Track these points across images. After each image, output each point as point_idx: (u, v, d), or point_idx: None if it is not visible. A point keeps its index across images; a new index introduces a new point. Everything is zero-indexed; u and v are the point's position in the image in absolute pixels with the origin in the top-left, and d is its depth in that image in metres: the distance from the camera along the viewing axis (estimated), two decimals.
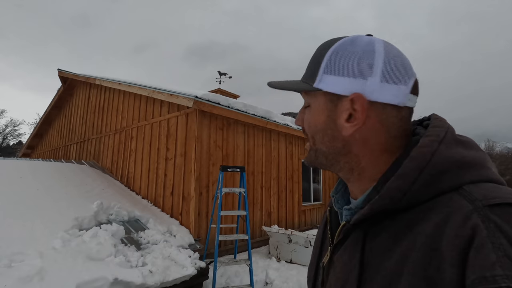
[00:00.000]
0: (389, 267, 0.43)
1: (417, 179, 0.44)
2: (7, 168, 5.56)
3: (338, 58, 0.52)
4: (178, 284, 3.39)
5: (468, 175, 0.44)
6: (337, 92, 0.51)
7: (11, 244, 3.19)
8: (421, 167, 0.44)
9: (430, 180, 0.44)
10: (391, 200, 0.45)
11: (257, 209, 6.16)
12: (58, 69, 10.04)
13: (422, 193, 0.44)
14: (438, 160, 0.44)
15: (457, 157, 0.45)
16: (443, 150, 0.45)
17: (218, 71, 15.42)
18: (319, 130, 0.54)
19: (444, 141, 0.46)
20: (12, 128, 32.18)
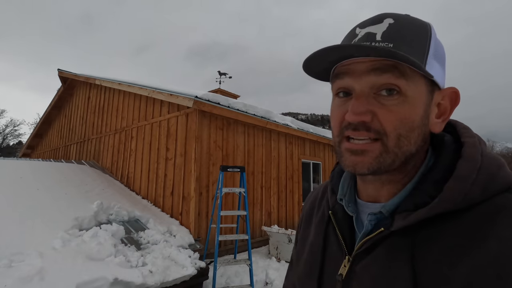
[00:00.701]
0: (459, 282, 0.38)
1: (476, 180, 0.42)
2: (7, 168, 5.56)
3: (439, 44, 0.47)
4: (178, 284, 3.39)
5: (509, 175, 0.43)
6: (440, 83, 0.47)
7: (11, 244, 3.19)
8: (477, 167, 0.42)
9: (485, 182, 0.42)
10: (452, 203, 0.42)
11: (257, 209, 6.16)
12: (58, 69, 10.04)
13: (478, 195, 0.42)
14: (487, 160, 0.43)
15: (496, 157, 0.45)
16: (485, 151, 0.45)
17: (218, 71, 15.45)
18: (416, 127, 0.45)
19: (482, 142, 0.46)
20: (12, 128, 32.20)
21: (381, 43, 0.44)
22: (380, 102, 0.44)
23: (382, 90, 0.44)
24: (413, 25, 0.46)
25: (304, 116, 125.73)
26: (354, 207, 0.54)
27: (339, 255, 0.53)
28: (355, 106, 0.45)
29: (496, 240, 0.38)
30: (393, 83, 0.43)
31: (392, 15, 0.47)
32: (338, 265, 0.52)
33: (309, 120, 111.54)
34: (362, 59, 0.45)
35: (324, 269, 0.55)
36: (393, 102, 0.44)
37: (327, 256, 0.56)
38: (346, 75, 0.47)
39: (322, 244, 0.58)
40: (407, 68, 0.43)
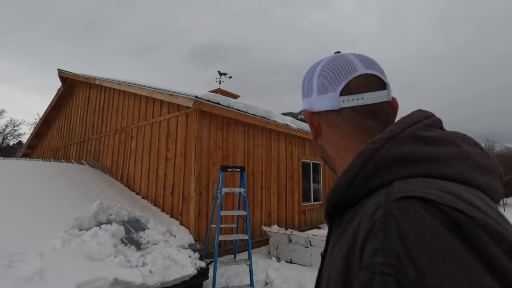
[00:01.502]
0: (333, 256, 0.48)
1: (359, 174, 0.46)
2: (7, 168, 5.56)
3: (302, 85, 0.66)
4: (178, 284, 3.39)
5: (404, 171, 0.44)
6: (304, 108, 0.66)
7: (11, 244, 3.19)
8: (362, 162, 0.46)
9: (369, 176, 0.45)
10: (338, 193, 0.49)
11: (257, 209, 6.16)
12: (58, 69, 10.05)
13: (362, 188, 0.46)
14: (380, 156, 0.46)
15: (399, 153, 0.45)
16: (390, 147, 0.46)
17: (218, 71, 15.46)
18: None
19: (397, 138, 0.47)
20: (12, 128, 32.19)
21: None
22: None
23: None
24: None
25: (303, 116, 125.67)
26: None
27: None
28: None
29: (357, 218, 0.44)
30: None
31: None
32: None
33: None
34: None
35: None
36: None
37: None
38: None
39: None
40: None
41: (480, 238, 0.33)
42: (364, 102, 0.55)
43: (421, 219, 0.35)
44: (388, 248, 0.35)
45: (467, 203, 0.37)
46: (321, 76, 0.60)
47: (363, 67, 0.57)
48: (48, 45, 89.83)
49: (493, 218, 0.36)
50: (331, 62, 0.60)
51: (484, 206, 0.38)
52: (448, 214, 0.35)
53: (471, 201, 0.37)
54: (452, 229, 0.34)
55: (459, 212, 0.35)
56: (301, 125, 7.82)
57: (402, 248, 0.34)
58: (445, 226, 0.34)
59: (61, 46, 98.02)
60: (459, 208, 0.35)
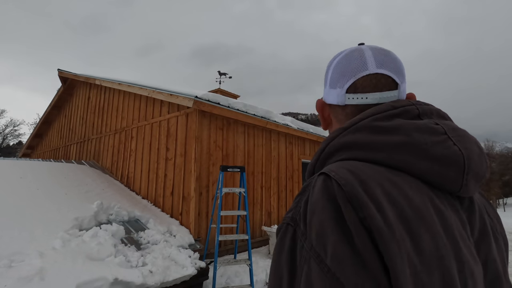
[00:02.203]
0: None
1: (319, 158, 0.57)
2: (7, 168, 5.56)
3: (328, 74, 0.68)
4: (178, 284, 3.39)
5: (342, 156, 0.54)
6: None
7: (11, 244, 3.19)
8: (322, 148, 0.57)
9: (324, 159, 0.56)
10: (308, 172, 0.60)
11: (257, 209, 6.16)
12: (58, 69, 10.04)
13: (319, 169, 0.56)
14: (333, 143, 0.55)
15: (347, 141, 0.54)
16: (343, 135, 0.55)
17: (218, 71, 15.43)
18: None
19: (351, 128, 0.54)
20: (12, 128, 32.21)
21: None
22: None
23: None
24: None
25: (304, 116, 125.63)
26: None
27: None
28: None
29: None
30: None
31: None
32: None
33: (309, 120, 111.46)
34: None
35: None
36: None
37: None
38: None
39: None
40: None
41: (343, 205, 0.43)
42: (367, 101, 0.58)
43: (317, 189, 0.47)
44: (298, 208, 0.49)
45: (357, 179, 0.45)
46: (335, 70, 0.64)
47: (375, 65, 0.59)
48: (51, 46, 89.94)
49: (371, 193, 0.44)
50: (347, 57, 0.63)
51: (375, 185, 0.45)
52: (331, 186, 0.46)
53: (364, 178, 0.46)
54: (329, 197, 0.45)
55: (338, 185, 0.45)
56: (301, 125, 7.82)
57: (304, 209, 0.47)
58: (326, 194, 0.45)
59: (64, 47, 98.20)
60: (340, 182, 0.45)
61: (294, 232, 0.47)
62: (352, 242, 0.41)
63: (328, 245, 0.42)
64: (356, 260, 0.40)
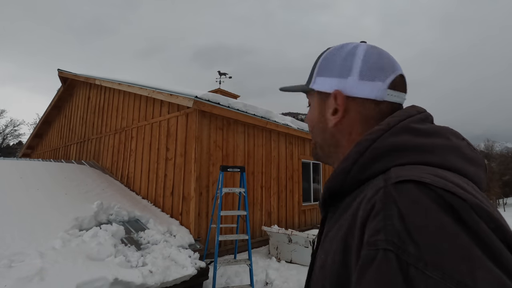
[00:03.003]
0: (329, 239, 0.51)
1: (357, 162, 0.49)
2: (7, 168, 5.55)
3: (326, 62, 0.62)
4: (178, 284, 3.39)
5: (399, 159, 0.47)
6: (324, 90, 0.61)
7: (11, 244, 3.19)
8: (361, 151, 0.49)
9: (367, 164, 0.49)
10: (337, 181, 0.52)
11: (257, 209, 6.16)
12: (58, 69, 10.04)
13: (360, 175, 0.49)
14: (378, 145, 0.49)
15: (395, 143, 0.48)
16: (386, 137, 0.49)
17: (218, 71, 15.42)
18: (314, 125, 0.64)
19: (392, 129, 0.50)
20: (12, 128, 32.21)
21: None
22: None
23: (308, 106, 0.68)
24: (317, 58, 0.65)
25: (304, 116, 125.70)
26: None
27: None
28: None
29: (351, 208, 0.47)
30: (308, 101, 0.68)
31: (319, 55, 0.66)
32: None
33: None
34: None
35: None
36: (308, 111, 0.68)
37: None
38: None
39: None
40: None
41: (470, 217, 0.36)
42: (399, 101, 0.58)
43: (418, 200, 0.38)
44: (389, 226, 0.37)
45: (458, 186, 0.39)
46: (367, 61, 0.57)
47: (399, 67, 0.59)
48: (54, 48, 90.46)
49: (481, 200, 0.38)
50: (377, 50, 0.59)
51: (472, 190, 0.40)
52: (442, 195, 0.37)
53: (461, 185, 0.40)
54: (446, 209, 0.36)
55: (451, 193, 0.38)
56: (301, 125, 7.82)
57: (402, 227, 0.36)
58: (439, 206, 0.37)
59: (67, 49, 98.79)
60: (451, 190, 0.38)
61: (398, 259, 0.35)
62: (499, 260, 0.33)
63: (475, 269, 0.32)
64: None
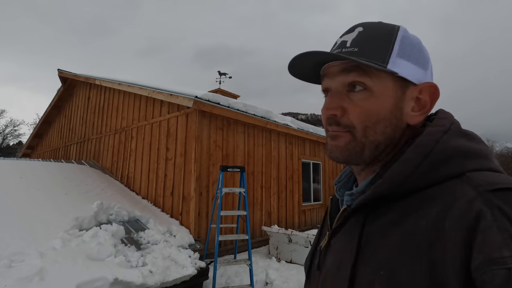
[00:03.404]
0: (387, 249, 0.43)
1: (421, 164, 0.44)
2: (7, 168, 5.56)
3: (408, 44, 0.51)
4: (178, 284, 3.39)
5: (470, 164, 0.44)
6: (411, 78, 0.50)
7: (11, 244, 3.19)
8: (425, 153, 0.45)
9: (433, 167, 0.44)
10: (393, 184, 0.45)
11: (257, 209, 6.16)
12: (58, 69, 10.04)
13: (424, 179, 0.44)
14: (442, 148, 0.45)
15: (460, 147, 0.46)
16: (447, 139, 0.46)
17: (218, 71, 15.43)
18: (382, 119, 0.49)
19: (449, 132, 0.47)
20: (12, 128, 32.20)
21: (349, 49, 0.51)
22: (350, 98, 0.50)
23: (351, 87, 0.50)
24: (379, 29, 0.52)
25: (304, 116, 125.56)
26: (344, 191, 0.59)
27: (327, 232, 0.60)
28: (327, 103, 0.53)
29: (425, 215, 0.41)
30: (357, 80, 0.49)
31: (362, 24, 0.53)
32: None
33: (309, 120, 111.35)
34: (335, 63, 0.52)
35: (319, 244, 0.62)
36: (359, 97, 0.50)
37: (322, 234, 0.63)
38: (326, 77, 0.54)
39: (321, 224, 0.67)
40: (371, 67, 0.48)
41: None
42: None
43: None
44: (510, 241, 0.34)
45: None
46: (413, 48, 0.52)
47: None
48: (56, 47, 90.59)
49: None
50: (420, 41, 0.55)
51: None
52: None
53: None
54: None
55: None
56: (301, 125, 7.82)
57: None
58: None
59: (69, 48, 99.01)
60: None
61: None
62: None
63: None
64: None
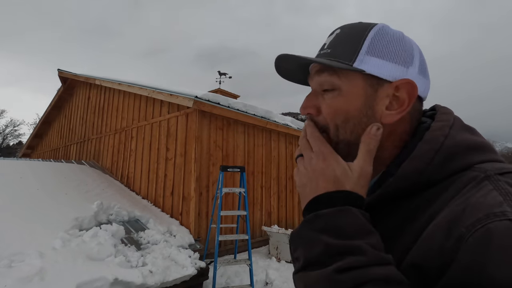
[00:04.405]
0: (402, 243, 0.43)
1: (433, 160, 0.45)
2: (7, 168, 5.55)
3: (382, 41, 0.49)
4: (178, 284, 3.39)
5: (477, 157, 0.45)
6: (383, 76, 0.48)
7: (11, 244, 3.19)
8: (435, 148, 0.45)
9: (444, 161, 0.45)
10: (407, 181, 0.46)
11: (257, 209, 6.16)
12: (58, 69, 10.03)
13: (437, 174, 0.45)
14: (450, 142, 0.46)
15: (467, 140, 0.47)
16: (453, 134, 0.47)
17: (218, 71, 15.43)
18: (351, 118, 0.49)
19: (454, 127, 0.48)
20: (12, 128, 32.21)
21: (325, 50, 0.52)
22: (323, 97, 0.52)
23: (324, 88, 0.51)
24: (354, 29, 0.51)
25: (304, 116, 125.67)
26: None
27: None
28: (303, 102, 0.54)
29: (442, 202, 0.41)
30: (327, 80, 0.50)
31: (342, 27, 0.54)
32: None
33: None
34: (314, 64, 0.53)
35: None
36: (329, 96, 0.51)
37: None
38: (308, 78, 0.56)
39: None
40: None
41: None
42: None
43: None
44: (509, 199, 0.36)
45: None
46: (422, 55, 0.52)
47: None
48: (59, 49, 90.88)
49: None
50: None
51: None
52: None
53: None
54: None
55: None
56: (301, 125, 7.82)
57: None
58: None
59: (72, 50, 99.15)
60: None
61: None
62: None
63: None
64: None
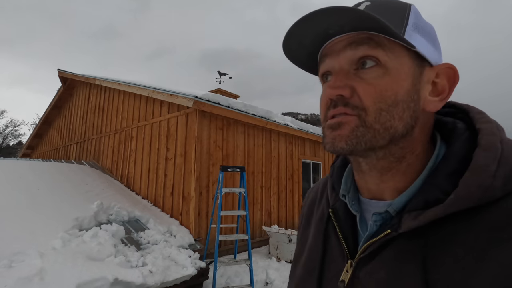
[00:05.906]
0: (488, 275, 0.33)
1: (497, 172, 0.36)
2: (7, 168, 5.55)
3: (421, 20, 0.44)
4: (178, 284, 3.39)
5: None
6: (430, 58, 0.42)
7: (11, 244, 3.19)
8: (497, 158, 0.37)
9: (508, 173, 0.36)
10: (471, 200, 0.36)
11: (257, 209, 6.16)
12: (58, 69, 10.03)
13: (500, 190, 0.36)
14: (508, 149, 0.38)
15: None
16: (505, 138, 0.39)
17: (218, 71, 15.43)
18: (399, 101, 0.41)
19: (500, 128, 0.40)
20: (12, 129, 32.19)
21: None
22: (360, 76, 0.41)
23: (361, 64, 0.41)
24: (390, 2, 0.44)
25: (304, 116, 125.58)
26: (357, 206, 0.49)
27: (340, 259, 0.48)
28: (332, 81, 0.43)
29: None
30: (369, 54, 0.40)
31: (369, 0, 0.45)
32: (339, 270, 0.47)
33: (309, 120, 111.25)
34: (339, 38, 0.43)
35: (323, 274, 0.50)
36: (372, 74, 0.41)
37: (327, 260, 0.50)
38: (327, 57, 0.45)
39: (321, 247, 0.52)
40: (384, 39, 0.40)
41: None
42: None
43: None
44: None
45: None
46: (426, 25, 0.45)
47: None
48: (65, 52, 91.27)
49: None
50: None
51: None
52: None
53: None
54: None
55: None
56: (301, 125, 7.82)
57: None
58: None
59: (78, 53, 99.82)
60: None
61: None
62: None
63: None
64: None
